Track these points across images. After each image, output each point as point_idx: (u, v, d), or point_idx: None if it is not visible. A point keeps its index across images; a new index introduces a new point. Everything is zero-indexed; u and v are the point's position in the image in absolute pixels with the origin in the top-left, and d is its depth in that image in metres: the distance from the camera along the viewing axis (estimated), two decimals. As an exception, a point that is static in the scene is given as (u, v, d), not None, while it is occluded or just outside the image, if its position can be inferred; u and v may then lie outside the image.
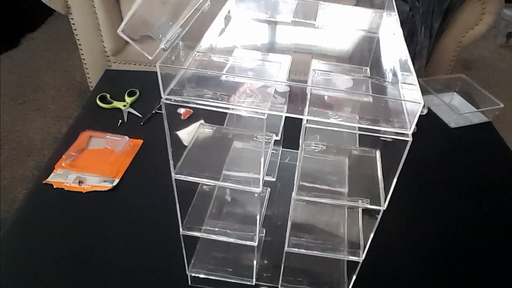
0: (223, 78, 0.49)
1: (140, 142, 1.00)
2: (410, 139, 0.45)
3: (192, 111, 1.02)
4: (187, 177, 0.56)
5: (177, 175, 0.56)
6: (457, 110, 1.19)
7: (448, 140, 1.12)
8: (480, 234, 0.86)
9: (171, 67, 0.46)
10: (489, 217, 0.90)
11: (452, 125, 1.15)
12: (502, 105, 1.17)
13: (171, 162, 0.55)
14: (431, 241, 0.84)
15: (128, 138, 0.99)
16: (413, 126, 0.45)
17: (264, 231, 0.73)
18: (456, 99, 1.28)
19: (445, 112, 1.18)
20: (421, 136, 0.68)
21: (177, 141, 0.57)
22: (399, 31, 0.54)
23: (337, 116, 0.46)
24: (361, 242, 0.62)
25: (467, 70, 2.37)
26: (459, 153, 1.08)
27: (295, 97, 0.48)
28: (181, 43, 0.48)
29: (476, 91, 1.26)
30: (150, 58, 0.45)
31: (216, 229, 0.64)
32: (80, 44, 1.61)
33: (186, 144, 0.64)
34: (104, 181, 0.89)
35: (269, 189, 0.76)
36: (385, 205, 0.53)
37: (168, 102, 0.47)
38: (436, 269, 0.78)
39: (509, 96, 2.10)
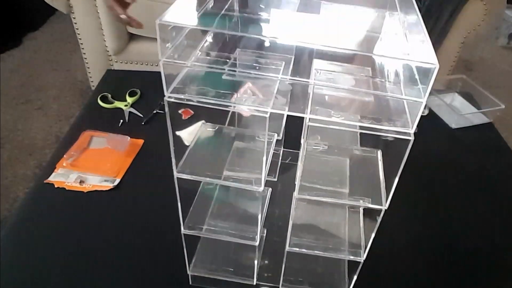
0: (226, 76, 0.49)
1: (141, 142, 1.00)
2: (412, 138, 0.45)
3: (192, 112, 1.02)
4: (189, 175, 0.56)
5: (179, 174, 0.56)
6: (458, 111, 1.19)
7: (449, 141, 1.12)
8: (481, 234, 0.86)
9: (175, 63, 0.46)
10: (490, 217, 0.90)
11: (453, 125, 1.15)
12: (503, 106, 1.17)
13: (173, 161, 0.55)
14: (432, 241, 0.84)
15: (129, 138, 0.99)
16: (415, 125, 0.45)
17: (265, 231, 0.73)
18: (457, 100, 1.28)
19: (446, 113, 1.18)
20: (422, 136, 0.68)
21: (178, 141, 0.57)
22: (401, 31, 0.54)
23: (339, 115, 0.46)
24: (362, 242, 0.62)
25: (469, 71, 2.37)
26: (460, 154, 1.08)
27: (297, 96, 0.48)
28: (185, 42, 0.49)
29: (477, 92, 1.26)
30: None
31: (217, 228, 0.64)
32: (82, 44, 1.62)
33: (187, 144, 0.64)
34: (105, 181, 0.89)
35: (270, 188, 0.76)
36: (387, 205, 0.53)
37: (171, 100, 0.47)
38: (437, 269, 0.78)
39: (511, 97, 2.10)
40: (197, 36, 0.52)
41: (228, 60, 0.50)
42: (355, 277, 0.65)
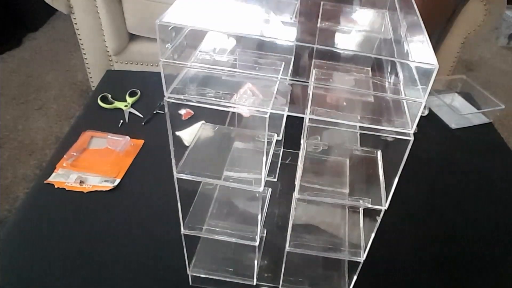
0: (225, 77, 0.49)
1: (141, 142, 1.00)
2: (411, 138, 0.45)
3: (193, 112, 1.02)
4: (189, 176, 0.56)
5: (179, 174, 0.56)
6: (458, 111, 1.19)
7: (449, 141, 1.12)
8: (480, 234, 0.86)
9: (175, 63, 0.46)
10: (489, 217, 0.90)
11: (453, 126, 1.15)
12: (503, 106, 1.17)
13: (173, 161, 0.55)
14: (431, 242, 0.84)
15: (129, 138, 0.99)
16: (415, 125, 0.45)
17: (265, 231, 0.73)
18: (457, 100, 1.28)
19: (446, 113, 1.18)
20: (422, 136, 0.69)
21: (178, 141, 0.57)
22: (401, 31, 0.54)
23: (339, 116, 0.46)
24: (362, 242, 0.62)
25: (469, 71, 2.37)
26: (460, 154, 1.08)
27: (297, 96, 0.48)
28: (185, 42, 0.49)
29: (477, 92, 1.26)
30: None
31: (217, 229, 0.64)
32: (82, 44, 1.62)
33: (187, 144, 0.64)
34: (105, 181, 0.89)
35: (270, 189, 0.76)
36: (387, 205, 0.53)
37: (171, 100, 0.47)
38: (436, 269, 0.78)
39: (510, 97, 2.10)
40: (196, 36, 0.52)
41: (228, 61, 0.50)
42: (355, 277, 0.65)
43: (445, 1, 1.00)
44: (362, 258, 0.61)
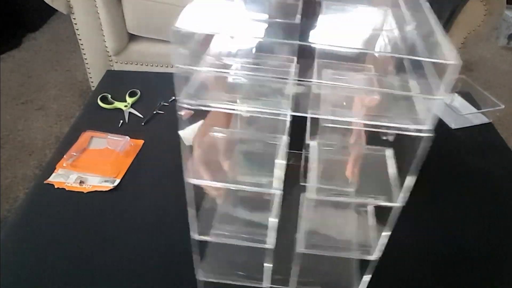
0: (235, 80, 0.49)
1: (141, 142, 1.00)
2: (427, 135, 0.45)
3: (193, 111, 1.02)
4: (199, 180, 0.56)
5: (189, 179, 0.55)
6: (458, 111, 1.19)
7: (449, 141, 1.12)
8: (480, 234, 0.86)
9: (187, 68, 0.46)
10: (489, 218, 0.90)
11: (453, 126, 1.15)
12: (503, 106, 1.16)
13: (184, 166, 0.54)
14: (431, 241, 0.83)
15: (129, 138, 0.99)
16: (431, 122, 0.44)
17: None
18: (457, 100, 1.28)
19: (446, 113, 1.18)
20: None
21: (179, 142, 0.57)
22: (404, 29, 0.54)
23: (346, 114, 0.46)
24: (373, 242, 0.61)
25: (469, 71, 2.37)
26: (460, 154, 1.08)
27: (302, 96, 0.48)
28: (196, 47, 0.48)
29: (477, 92, 1.25)
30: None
31: (228, 233, 0.62)
32: (82, 44, 1.62)
33: (188, 143, 0.63)
34: (105, 181, 0.88)
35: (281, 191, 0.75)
36: (400, 203, 0.52)
37: (184, 105, 0.47)
38: (435, 269, 0.78)
39: (510, 97, 2.11)
40: (207, 41, 0.52)
41: (236, 64, 0.50)
42: (368, 277, 0.64)
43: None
44: (373, 257, 0.60)
